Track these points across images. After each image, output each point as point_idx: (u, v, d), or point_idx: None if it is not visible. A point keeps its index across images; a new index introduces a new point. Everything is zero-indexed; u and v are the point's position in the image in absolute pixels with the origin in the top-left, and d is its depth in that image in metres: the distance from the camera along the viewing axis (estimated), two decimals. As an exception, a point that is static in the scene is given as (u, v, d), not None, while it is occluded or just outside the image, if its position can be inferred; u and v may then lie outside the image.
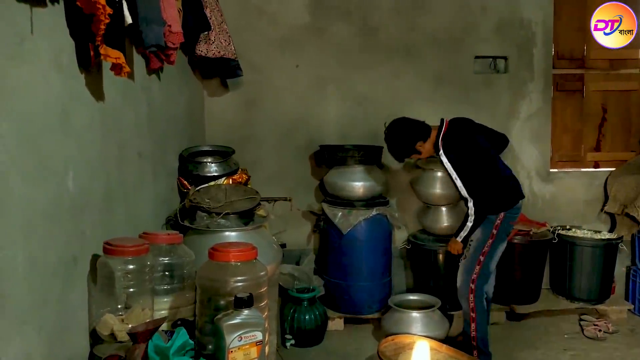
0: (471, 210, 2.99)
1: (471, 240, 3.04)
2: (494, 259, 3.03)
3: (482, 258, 2.99)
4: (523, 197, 3.07)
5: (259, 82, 4.07)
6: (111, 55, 1.55)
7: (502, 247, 3.04)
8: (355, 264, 3.70)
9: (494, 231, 2.97)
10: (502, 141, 3.26)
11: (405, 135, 3.08)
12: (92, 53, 1.56)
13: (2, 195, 1.14)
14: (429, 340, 2.94)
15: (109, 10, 1.42)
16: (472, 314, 3.02)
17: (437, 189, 3.74)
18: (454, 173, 2.98)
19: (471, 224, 3.01)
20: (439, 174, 3.71)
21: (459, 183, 2.98)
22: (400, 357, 2.84)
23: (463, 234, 3.09)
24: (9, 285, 1.16)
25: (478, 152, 2.99)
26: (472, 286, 3.01)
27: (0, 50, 1.15)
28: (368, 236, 3.68)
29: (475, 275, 3.00)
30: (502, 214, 2.96)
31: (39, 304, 1.30)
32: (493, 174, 3.00)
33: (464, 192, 2.99)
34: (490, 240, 2.97)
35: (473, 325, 3.03)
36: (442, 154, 3.01)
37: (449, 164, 2.98)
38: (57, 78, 1.43)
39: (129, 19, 1.72)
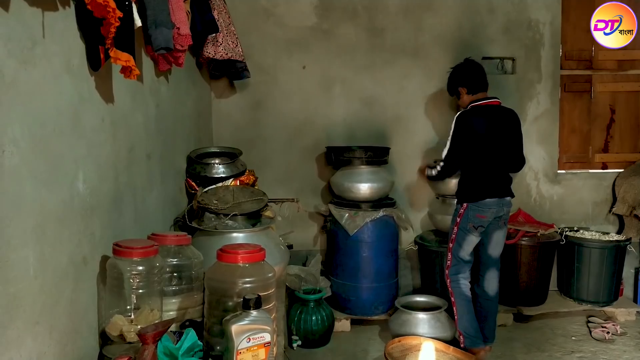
0: (437, 168, 3.30)
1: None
2: (462, 248, 3.11)
3: (450, 245, 3.15)
4: (491, 197, 3.06)
5: (266, 83, 4.09)
6: (121, 58, 1.56)
7: (471, 238, 3.10)
8: (362, 265, 3.70)
9: (458, 219, 3.10)
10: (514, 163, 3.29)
11: (459, 71, 3.30)
12: (102, 56, 1.57)
13: (15, 197, 1.16)
14: (436, 342, 2.94)
15: (119, 13, 1.44)
16: (452, 298, 3.15)
17: (456, 177, 3.73)
18: (449, 139, 3.15)
19: (434, 173, 3.36)
20: None
21: (446, 148, 3.18)
22: (407, 358, 2.84)
23: (428, 172, 3.47)
24: (21, 287, 1.17)
25: (475, 140, 3.09)
26: (447, 272, 3.17)
27: (13, 54, 1.17)
28: (375, 237, 3.68)
29: (449, 262, 3.16)
30: (465, 204, 3.08)
31: (50, 304, 1.31)
32: (474, 164, 3.13)
33: (442, 154, 3.22)
34: (456, 228, 3.11)
35: (454, 309, 3.13)
36: (456, 115, 3.15)
37: (452, 127, 3.14)
38: (68, 81, 1.45)
39: (138, 22, 1.73)
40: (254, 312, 1.43)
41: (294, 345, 3.33)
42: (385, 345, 2.92)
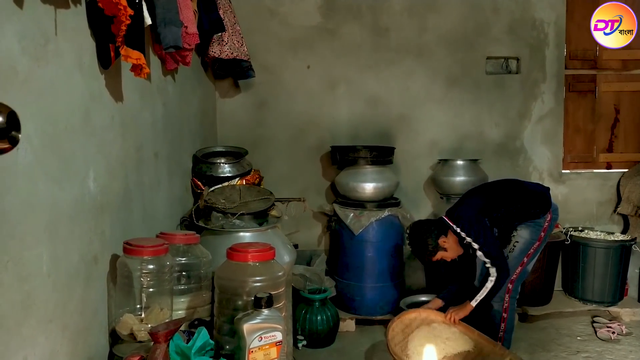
0: (492, 274, 2.80)
1: (516, 242, 2.95)
2: (534, 260, 2.99)
3: (525, 260, 2.94)
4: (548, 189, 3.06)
5: (271, 82, 4.08)
6: (132, 56, 1.56)
7: (542, 247, 3.00)
8: (367, 265, 3.69)
9: (542, 234, 2.93)
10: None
11: (427, 231, 2.92)
12: (112, 54, 1.57)
13: (29, 195, 1.15)
14: (434, 312, 2.89)
15: (130, 11, 1.43)
16: (504, 314, 2.96)
17: (460, 177, 3.82)
18: (475, 232, 2.81)
19: (491, 284, 2.79)
20: (460, 162, 3.93)
21: (477, 245, 2.81)
22: (410, 337, 2.78)
23: (479, 297, 2.82)
24: (35, 284, 1.17)
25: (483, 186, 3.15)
26: (510, 286, 2.94)
27: (26, 51, 1.16)
28: (380, 237, 3.67)
29: (515, 276, 2.94)
30: (549, 216, 2.92)
31: (63, 303, 1.31)
32: (518, 187, 3.03)
33: (484, 258, 2.81)
34: (537, 243, 2.93)
35: (503, 325, 2.97)
36: (460, 226, 2.86)
37: (468, 227, 2.83)
38: (79, 78, 1.44)
39: (148, 20, 1.73)
40: (265, 311, 1.43)
41: (299, 345, 3.32)
42: (386, 328, 2.84)
